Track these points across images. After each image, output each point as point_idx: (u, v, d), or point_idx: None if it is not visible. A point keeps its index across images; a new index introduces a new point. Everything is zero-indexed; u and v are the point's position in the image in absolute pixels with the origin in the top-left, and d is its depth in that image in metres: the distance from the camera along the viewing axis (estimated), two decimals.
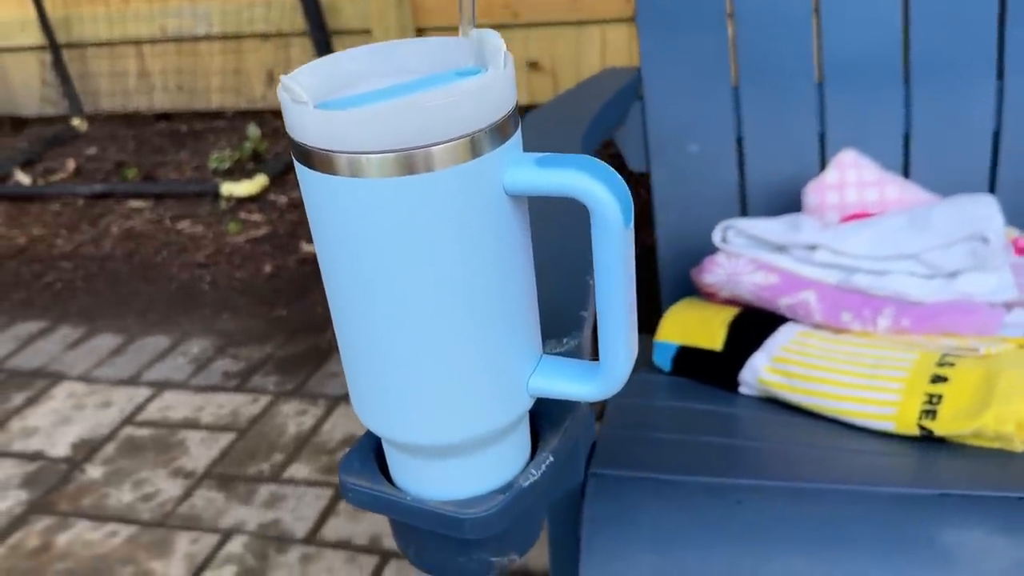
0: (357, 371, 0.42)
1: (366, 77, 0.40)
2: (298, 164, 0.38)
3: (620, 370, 0.41)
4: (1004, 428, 0.70)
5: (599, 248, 0.38)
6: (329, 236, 0.39)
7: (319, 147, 0.36)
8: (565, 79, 2.40)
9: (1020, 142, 0.98)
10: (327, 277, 0.41)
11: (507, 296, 0.40)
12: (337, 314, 0.41)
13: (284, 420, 1.41)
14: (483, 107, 0.36)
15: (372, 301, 0.39)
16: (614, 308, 0.40)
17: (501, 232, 0.38)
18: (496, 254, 0.39)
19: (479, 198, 0.37)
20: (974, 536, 0.58)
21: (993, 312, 0.82)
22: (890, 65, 1.02)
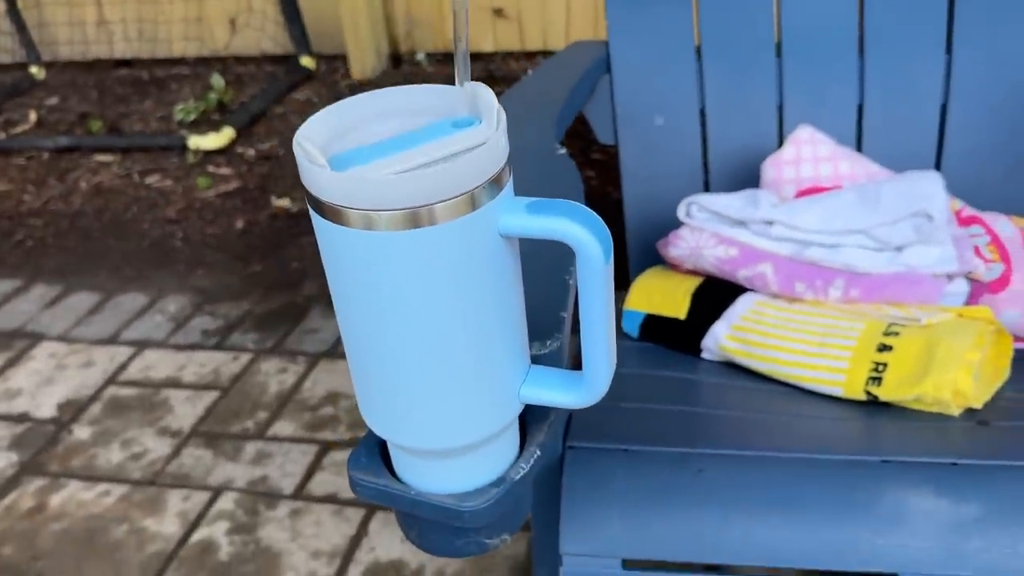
0: (367, 385, 0.47)
1: (369, 121, 0.44)
2: (313, 213, 0.42)
3: (601, 382, 0.47)
4: (942, 395, 0.77)
5: (583, 282, 0.43)
6: (342, 278, 0.43)
7: (333, 203, 0.40)
8: (530, 27, 2.41)
9: (966, 115, 1.04)
10: (339, 309, 0.45)
11: (502, 320, 0.45)
12: (348, 339, 0.46)
13: (265, 378, 1.46)
14: (482, 166, 0.40)
15: (383, 333, 0.44)
16: (596, 331, 0.45)
17: (497, 268, 0.43)
18: (493, 287, 0.44)
19: (478, 243, 0.42)
20: (915, 499, 0.66)
21: (935, 283, 0.89)
22: (846, 37, 1.07)
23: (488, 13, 2.42)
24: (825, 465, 0.69)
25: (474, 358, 0.45)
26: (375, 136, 0.43)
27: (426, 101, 0.45)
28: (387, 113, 0.45)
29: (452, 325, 0.43)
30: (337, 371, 1.46)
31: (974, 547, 0.63)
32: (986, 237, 0.94)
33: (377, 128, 0.44)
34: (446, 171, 0.39)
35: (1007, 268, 0.92)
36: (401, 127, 0.44)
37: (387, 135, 0.43)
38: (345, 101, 0.45)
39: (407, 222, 0.40)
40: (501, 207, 0.42)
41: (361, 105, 0.45)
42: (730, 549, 0.66)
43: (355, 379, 0.48)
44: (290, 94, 2.41)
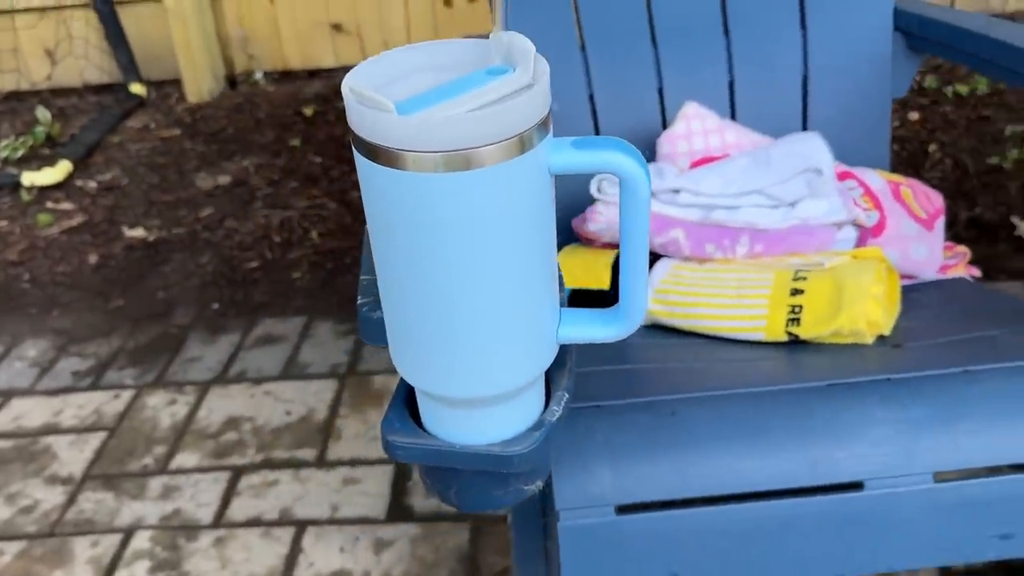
0: (416, 343, 0.48)
1: (409, 74, 0.45)
2: (364, 159, 0.43)
3: (640, 310, 0.50)
4: (857, 325, 0.86)
5: (628, 211, 0.46)
6: (390, 222, 0.44)
7: (395, 147, 0.41)
8: (371, 41, 2.41)
9: (824, 84, 1.15)
10: (384, 258, 0.46)
11: (545, 260, 0.47)
12: (394, 293, 0.46)
13: (154, 412, 1.38)
14: (535, 107, 0.42)
15: (435, 281, 0.44)
16: (638, 260, 0.48)
17: (543, 207, 0.45)
18: (539, 226, 0.45)
19: (530, 182, 0.44)
20: (863, 413, 0.72)
21: (827, 232, 0.98)
22: (712, 22, 1.15)
23: (327, 29, 2.40)
24: (781, 395, 0.75)
25: (523, 299, 0.47)
26: (415, 88, 0.44)
27: (459, 54, 0.46)
28: (422, 67, 0.46)
29: (503, 267, 0.45)
30: (231, 395, 1.41)
31: (922, 447, 0.71)
32: (859, 189, 1.05)
33: (415, 81, 0.45)
34: (502, 111, 0.41)
35: (882, 215, 1.02)
36: (438, 79, 0.45)
37: (426, 87, 0.44)
38: (379, 57, 0.46)
39: (464, 163, 0.41)
40: (548, 146, 0.44)
41: (396, 60, 0.46)
42: (711, 481, 0.70)
43: (395, 336, 0.49)
44: (124, 122, 2.29)
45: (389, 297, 0.47)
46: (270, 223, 1.85)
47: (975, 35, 1.01)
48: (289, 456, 1.27)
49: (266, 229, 1.83)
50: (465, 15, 2.37)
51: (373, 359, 1.46)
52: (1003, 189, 1.70)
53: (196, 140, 2.20)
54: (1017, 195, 1.68)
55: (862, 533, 0.71)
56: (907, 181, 1.10)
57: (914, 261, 1.01)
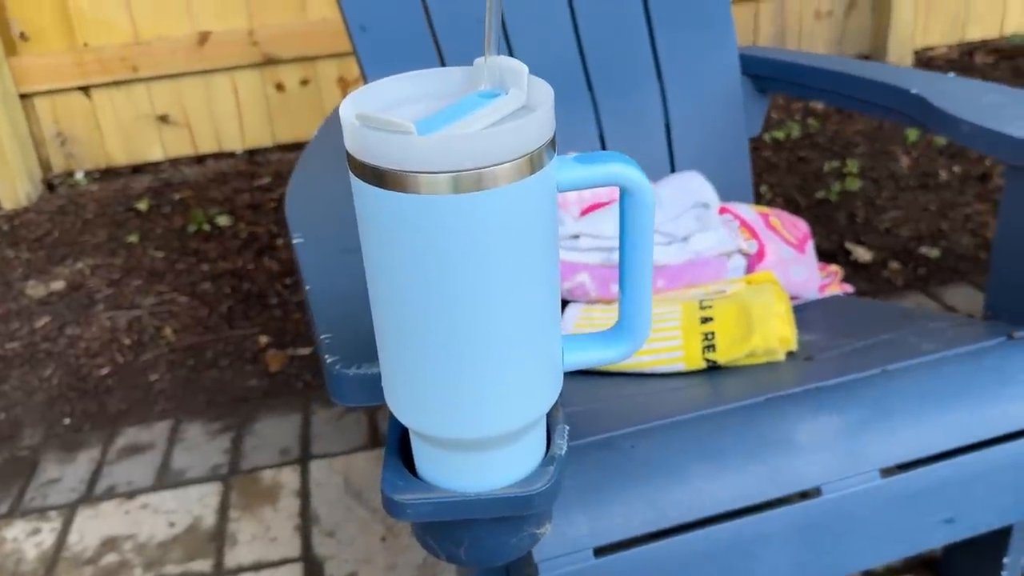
0: (419, 384, 0.45)
1: (401, 104, 0.43)
2: (366, 187, 0.41)
3: (645, 328, 0.49)
4: (770, 344, 0.89)
5: (632, 223, 0.46)
6: (395, 252, 0.42)
7: (401, 169, 0.39)
8: (200, 130, 2.34)
9: (685, 130, 1.21)
10: (386, 294, 0.43)
11: (553, 282, 0.46)
12: (397, 331, 0.44)
13: (16, 545, 1.23)
14: (544, 127, 0.42)
15: (446, 310, 0.42)
16: (642, 275, 0.47)
17: (550, 226, 0.44)
18: (547, 247, 0.44)
19: (538, 202, 0.43)
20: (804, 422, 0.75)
21: (720, 262, 1.03)
22: (574, 78, 1.20)
23: (152, 121, 2.30)
24: (726, 415, 0.76)
25: (536, 324, 0.45)
26: (415, 115, 0.42)
27: (447, 82, 0.45)
28: (412, 98, 0.44)
29: (516, 291, 0.43)
30: (103, 514, 1.27)
31: (866, 445, 0.74)
32: (736, 222, 1.11)
33: (409, 110, 0.43)
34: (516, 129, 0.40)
35: (760, 244, 1.08)
36: (431, 108, 0.43)
37: (425, 113, 0.43)
38: (366, 88, 0.44)
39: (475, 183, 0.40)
40: (555, 165, 0.44)
41: (384, 92, 0.44)
42: (682, 509, 0.70)
43: (398, 381, 0.46)
44: None
45: (391, 336, 0.44)
46: (116, 325, 1.72)
47: (812, 70, 1.11)
48: (183, 570, 1.16)
49: (113, 332, 1.70)
50: (299, 99, 2.35)
51: (256, 454, 1.38)
52: (833, 219, 1.85)
53: (19, 248, 2.02)
54: (846, 224, 1.83)
55: (826, 538, 0.73)
56: (773, 211, 1.17)
57: (796, 283, 1.08)
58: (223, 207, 2.12)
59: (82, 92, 2.24)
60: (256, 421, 1.45)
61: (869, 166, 2.05)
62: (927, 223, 1.82)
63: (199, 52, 2.23)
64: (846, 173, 2.01)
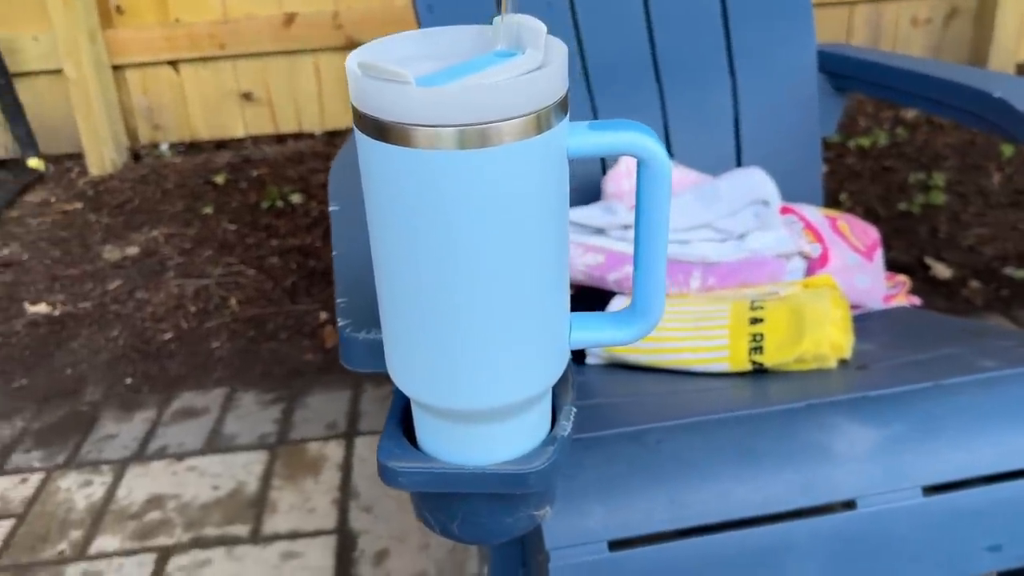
0: (421, 350, 0.44)
1: (411, 61, 0.42)
2: (369, 140, 0.40)
3: (660, 307, 0.47)
4: (821, 349, 0.85)
5: (648, 194, 0.44)
6: (397, 209, 0.40)
7: (403, 122, 0.38)
8: (282, 109, 2.38)
9: (755, 126, 1.17)
10: (387, 254, 0.42)
11: (560, 254, 0.44)
12: (397, 294, 0.43)
13: (68, 495, 1.27)
14: (552, 86, 0.40)
15: (446, 274, 0.41)
16: (656, 252, 0.45)
17: (559, 193, 0.43)
18: (555, 215, 0.43)
19: (545, 165, 0.41)
20: (844, 431, 0.71)
21: (778, 263, 0.99)
22: (643, 68, 1.17)
23: (236, 98, 2.35)
24: (764, 417, 0.73)
25: (539, 294, 0.43)
26: (421, 72, 0.41)
27: (462, 41, 0.44)
28: (423, 55, 0.43)
29: (519, 257, 0.42)
30: (152, 473, 1.30)
31: (908, 462, 0.70)
32: (800, 224, 1.06)
33: (418, 67, 0.42)
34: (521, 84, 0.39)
35: (824, 248, 1.04)
36: (444, 65, 0.42)
37: (433, 70, 0.41)
38: (374, 43, 0.43)
39: (479, 139, 0.38)
40: (566, 130, 0.42)
41: (394, 48, 0.43)
42: (705, 510, 0.67)
43: (396, 344, 0.45)
44: (22, 197, 2.17)
45: (391, 299, 0.43)
46: (184, 293, 1.76)
47: (902, 72, 1.05)
48: (221, 533, 1.18)
49: (180, 299, 1.74)
50: None
51: (305, 427, 1.39)
52: (914, 233, 1.77)
53: (100, 212, 2.09)
54: (927, 238, 1.75)
55: (858, 553, 0.69)
56: (843, 216, 1.12)
57: (859, 291, 1.03)
58: (297, 185, 2.15)
59: (171, 66, 2.30)
60: (308, 395, 1.47)
61: (957, 180, 1.95)
62: (1015, 242, 1.73)
63: (285, 32, 2.27)
64: (931, 186, 1.92)
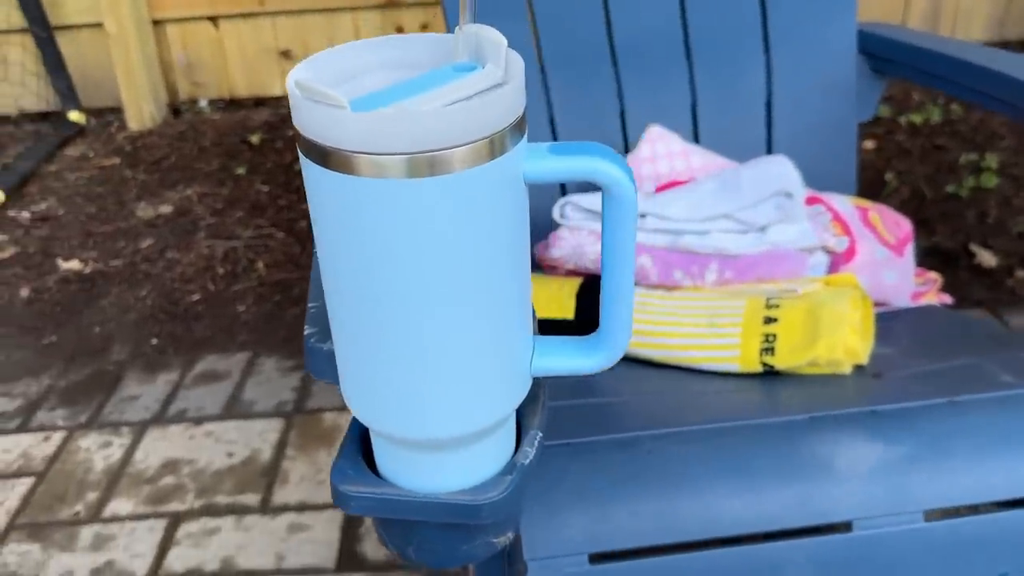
0: (370, 378, 0.42)
1: (362, 72, 0.40)
2: (311, 164, 0.37)
3: (623, 339, 0.44)
4: (835, 355, 0.82)
5: (613, 221, 0.41)
6: (342, 236, 0.38)
7: (349, 149, 0.36)
8: None
9: (787, 108, 1.12)
10: (335, 279, 0.40)
11: (518, 281, 0.42)
12: (346, 319, 0.41)
13: (87, 456, 1.29)
14: (508, 106, 0.37)
15: (394, 303, 0.39)
16: (623, 280, 0.43)
17: (517, 219, 0.40)
18: (512, 242, 0.40)
19: (500, 191, 0.38)
20: (846, 448, 0.68)
21: (799, 257, 0.95)
22: (673, 44, 1.12)
23: (274, 56, 2.34)
24: (763, 429, 0.70)
25: (494, 324, 0.41)
26: (370, 87, 0.39)
27: (419, 51, 0.41)
28: (377, 65, 0.41)
29: (473, 286, 0.39)
30: (170, 437, 1.32)
31: (911, 485, 0.66)
32: (828, 214, 1.02)
33: (370, 80, 0.40)
34: (473, 107, 0.36)
35: (851, 241, 0.99)
36: (396, 77, 0.40)
37: (383, 85, 0.39)
38: (327, 52, 0.40)
39: (428, 167, 0.36)
40: (524, 153, 0.39)
41: (347, 57, 0.40)
42: (692, 525, 0.65)
43: (347, 369, 0.43)
44: (61, 150, 2.19)
45: (340, 324, 0.41)
46: (214, 254, 1.77)
47: (944, 58, 0.99)
48: (231, 501, 1.19)
49: (209, 260, 1.75)
50: None
51: (322, 396, 1.39)
52: (961, 217, 1.70)
53: (137, 169, 2.11)
54: (975, 223, 1.68)
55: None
56: (875, 206, 1.07)
57: (885, 288, 0.98)
58: None
59: (210, 22, 2.29)
60: None
61: (1012, 162, 1.86)
62: None
63: None
64: (984, 168, 1.84)
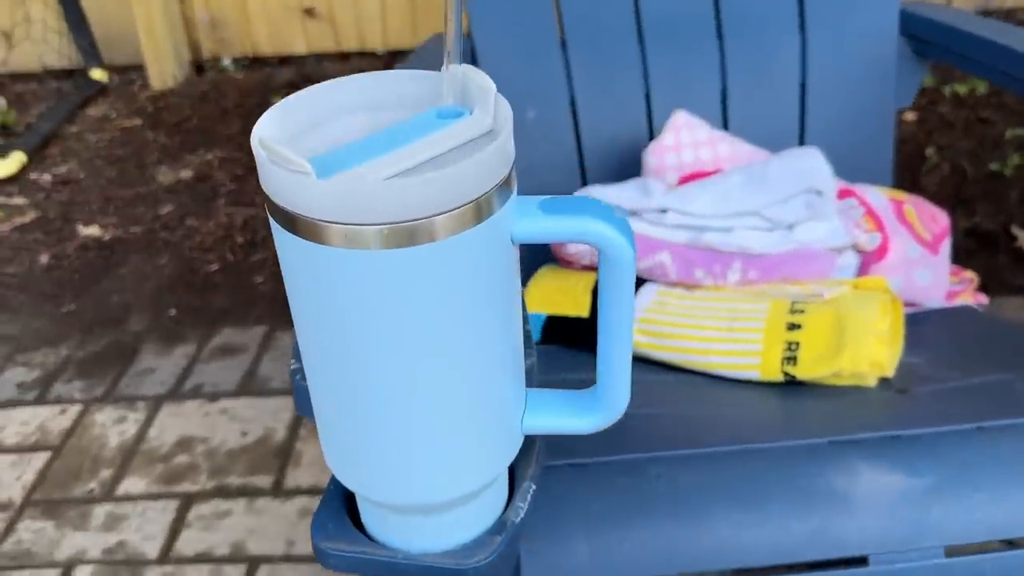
0: (344, 435, 0.39)
1: (337, 116, 0.37)
2: (279, 228, 0.34)
3: (623, 398, 0.41)
4: (859, 367, 0.78)
5: (608, 282, 0.38)
6: (316, 305, 0.35)
7: (315, 218, 0.33)
8: (344, 26, 2.31)
9: (823, 92, 1.07)
10: (311, 346, 0.37)
11: (508, 341, 0.39)
12: (323, 385, 0.38)
13: (102, 431, 1.29)
14: (494, 166, 0.34)
15: (372, 374, 0.36)
16: (621, 338, 0.39)
17: (505, 279, 0.37)
18: (500, 302, 0.37)
19: (488, 255, 0.35)
20: (869, 477, 0.65)
21: (828, 257, 0.90)
22: (704, 22, 1.07)
23: (298, 13, 2.29)
24: (779, 454, 0.67)
25: (479, 388, 0.38)
26: (348, 134, 0.35)
27: (401, 90, 0.38)
28: (354, 107, 0.37)
29: (456, 355, 0.36)
30: (184, 413, 1.31)
31: (935, 517, 0.63)
32: (860, 209, 0.97)
33: (347, 124, 0.36)
34: (457, 173, 0.32)
35: (884, 237, 0.94)
36: (376, 122, 0.36)
37: (362, 132, 0.35)
38: (301, 94, 0.37)
39: (407, 237, 0.33)
40: (512, 211, 0.36)
41: (321, 98, 0.37)
42: (703, 555, 0.62)
43: (326, 429, 0.40)
44: (83, 110, 2.18)
45: (319, 386, 0.39)
46: (233, 222, 1.75)
47: (994, 45, 0.93)
48: (243, 483, 1.18)
49: (229, 229, 1.73)
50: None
51: None
52: (1003, 197, 1.63)
53: (158, 131, 2.09)
54: (1017, 204, 1.61)
55: None
56: (910, 198, 1.02)
57: (918, 288, 0.94)
58: None
59: None
60: None
61: None
62: None
63: None
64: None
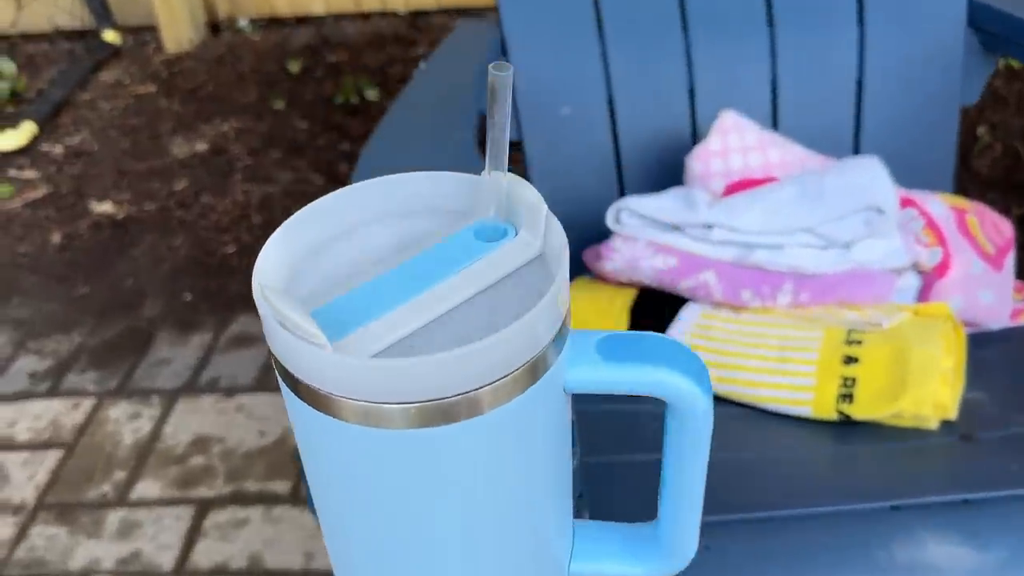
0: None
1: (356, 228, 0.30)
2: (290, 393, 0.28)
3: (688, 552, 0.36)
4: (922, 410, 0.72)
5: (678, 437, 0.32)
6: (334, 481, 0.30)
7: (325, 391, 0.27)
8: None
9: (881, 87, 0.98)
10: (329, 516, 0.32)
11: (556, 492, 0.33)
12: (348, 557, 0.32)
13: (116, 427, 1.25)
14: (546, 321, 0.27)
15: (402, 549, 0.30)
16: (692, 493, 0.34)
17: (557, 435, 0.31)
18: (552, 462, 0.31)
19: (539, 418, 0.29)
20: (936, 548, 0.59)
21: (886, 279, 0.83)
22: (754, 10, 0.99)
23: None
24: (835, 519, 0.61)
25: (526, 550, 0.32)
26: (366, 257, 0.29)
27: (433, 193, 0.31)
28: (376, 217, 0.31)
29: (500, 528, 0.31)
30: (201, 410, 1.27)
31: None
32: (921, 220, 0.90)
33: (365, 245, 0.30)
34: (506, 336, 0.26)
35: (945, 252, 0.87)
36: (402, 238, 0.30)
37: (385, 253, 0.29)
38: (316, 205, 0.30)
39: (441, 415, 0.27)
40: (567, 357, 0.30)
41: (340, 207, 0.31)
42: None
43: None
44: (95, 75, 2.11)
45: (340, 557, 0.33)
46: (249, 200, 1.69)
47: None
48: (261, 489, 1.15)
49: (245, 207, 1.68)
50: None
51: None
52: None
53: (172, 98, 2.02)
54: None
55: None
56: (973, 207, 0.94)
57: (981, 308, 0.87)
58: (374, 78, 2.02)
59: None
60: None
61: None
62: None
63: None
64: None
